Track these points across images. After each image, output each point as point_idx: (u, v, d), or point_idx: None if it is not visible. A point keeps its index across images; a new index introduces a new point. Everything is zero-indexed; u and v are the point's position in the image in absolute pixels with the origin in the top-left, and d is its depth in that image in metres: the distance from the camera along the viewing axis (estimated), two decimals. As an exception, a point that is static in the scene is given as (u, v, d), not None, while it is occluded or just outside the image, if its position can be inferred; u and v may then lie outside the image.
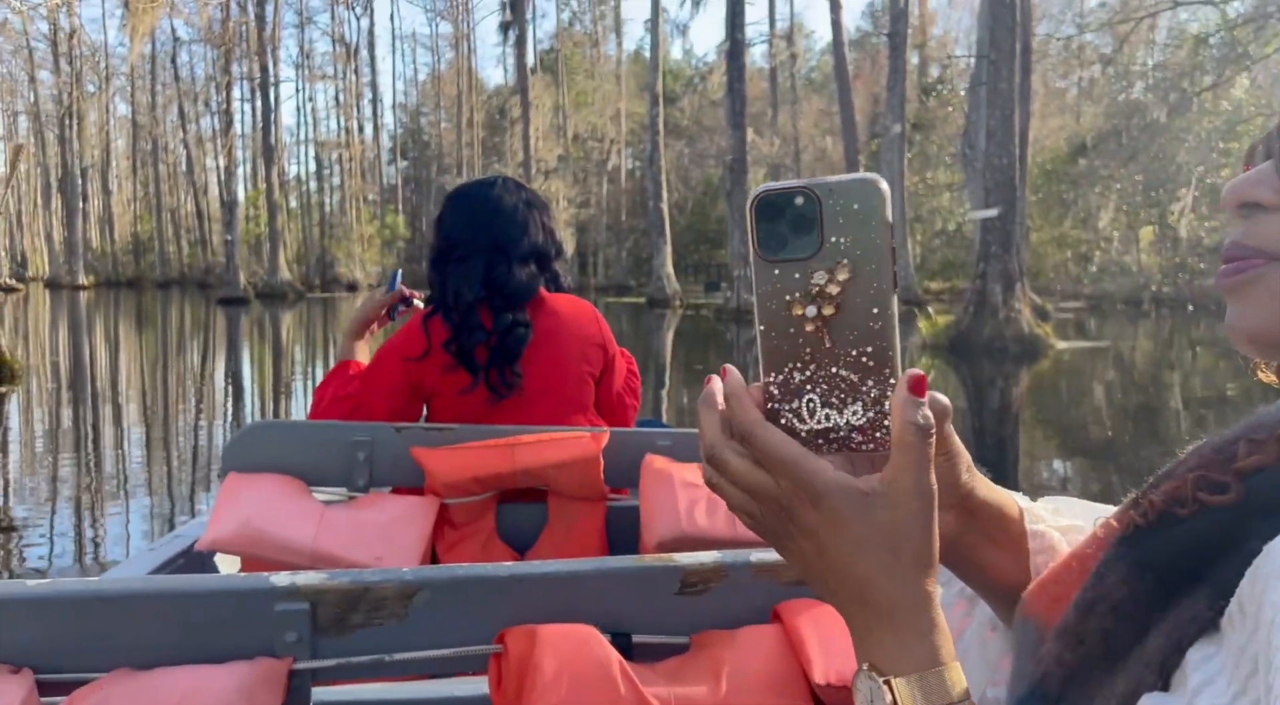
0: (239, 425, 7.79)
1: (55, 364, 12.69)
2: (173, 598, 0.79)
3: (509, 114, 42.08)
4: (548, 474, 1.55)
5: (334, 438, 1.58)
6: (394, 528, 1.45)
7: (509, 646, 0.82)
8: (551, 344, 1.74)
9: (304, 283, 41.69)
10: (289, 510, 1.44)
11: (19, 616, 0.76)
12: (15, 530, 4.61)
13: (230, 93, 33.86)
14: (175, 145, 51.02)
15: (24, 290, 39.04)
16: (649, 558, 0.87)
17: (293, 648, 0.80)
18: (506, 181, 1.85)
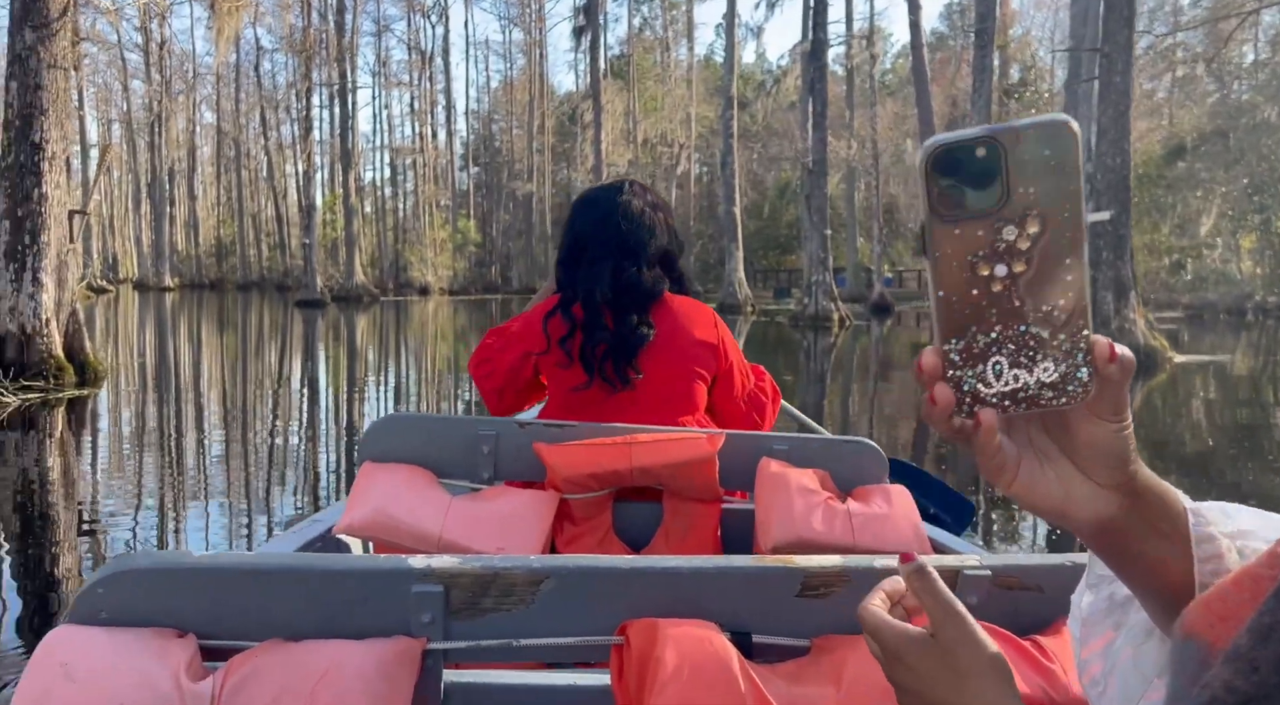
0: (341, 422, 7.91)
1: (144, 364, 12.64)
2: (320, 575, 0.82)
3: (580, 119, 41.86)
4: (664, 473, 1.55)
5: (461, 431, 1.62)
6: (516, 520, 1.47)
7: (631, 638, 0.82)
8: (668, 345, 1.75)
9: (378, 286, 42.15)
10: (419, 499, 1.48)
11: (186, 585, 0.80)
12: (184, 511, 4.93)
13: (310, 99, 34.27)
14: (257, 151, 52.16)
15: (114, 291, 40.18)
16: (770, 558, 0.87)
17: (427, 628, 0.82)
18: (633, 185, 1.86)
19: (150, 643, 0.78)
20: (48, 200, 9.56)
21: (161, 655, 0.77)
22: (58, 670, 0.75)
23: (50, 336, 9.50)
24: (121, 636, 0.78)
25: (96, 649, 0.76)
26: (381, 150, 55.10)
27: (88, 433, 7.55)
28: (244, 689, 0.76)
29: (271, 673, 0.77)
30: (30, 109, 9.47)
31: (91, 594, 0.80)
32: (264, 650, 0.79)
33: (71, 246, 9.98)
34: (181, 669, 0.76)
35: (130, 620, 0.80)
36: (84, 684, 0.74)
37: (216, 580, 0.82)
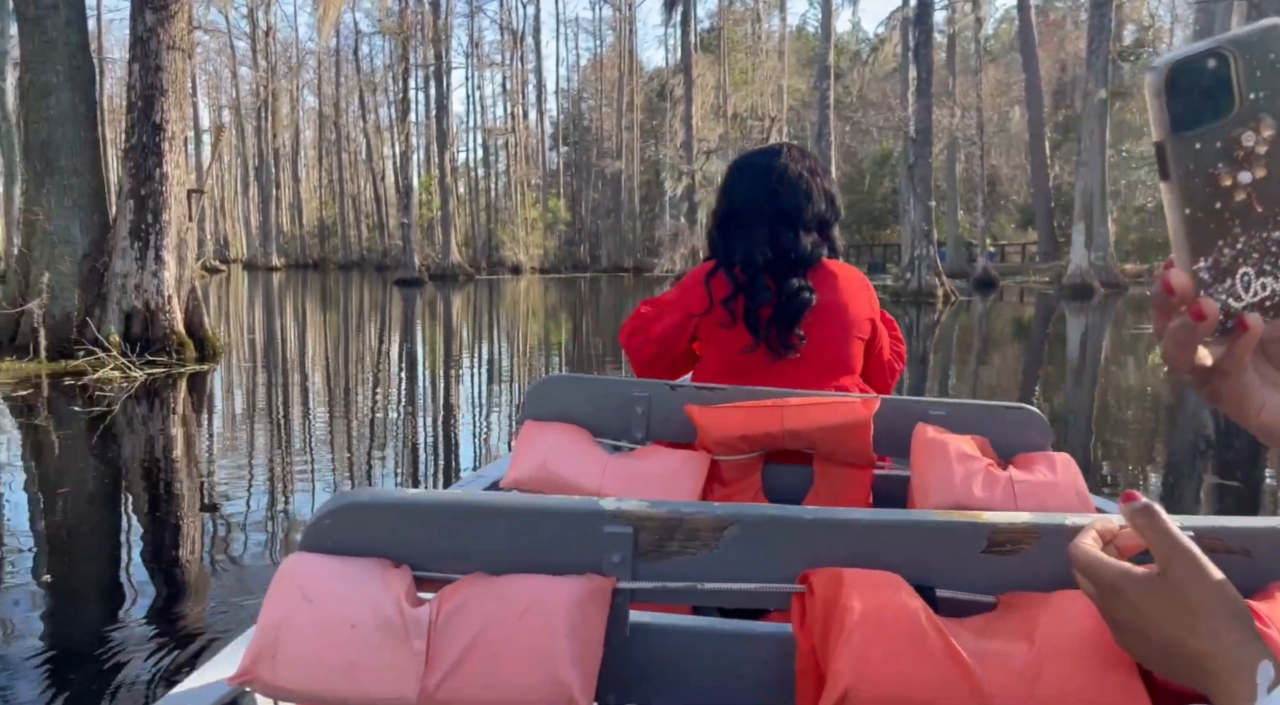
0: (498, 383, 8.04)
1: (254, 340, 12.96)
2: (521, 513, 0.86)
3: (670, 95, 41.32)
4: (815, 437, 1.54)
5: (616, 392, 1.65)
6: (669, 478, 1.49)
7: (815, 587, 0.83)
8: (829, 310, 1.74)
9: (472, 264, 42.69)
10: (578, 456, 1.53)
11: (401, 519, 0.86)
12: (358, 464, 5.33)
13: (407, 82, 34.73)
14: (356, 134, 53.41)
15: (226, 271, 41.83)
16: (957, 513, 0.87)
17: (616, 568, 0.86)
18: (791, 149, 1.84)
19: (372, 571, 0.84)
20: (168, 179, 9.76)
21: (383, 582, 0.82)
22: (296, 592, 0.81)
23: (172, 313, 9.72)
24: (347, 564, 0.84)
25: (327, 574, 0.83)
26: (474, 131, 55.75)
27: (223, 403, 7.69)
28: (456, 617, 0.81)
29: (479, 603, 0.82)
30: (151, 90, 9.65)
31: (320, 525, 0.86)
32: (470, 582, 0.84)
33: (190, 225, 10.19)
34: (402, 596, 0.82)
35: (352, 550, 0.86)
36: (319, 605, 0.81)
37: (428, 516, 0.87)
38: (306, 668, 0.79)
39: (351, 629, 0.80)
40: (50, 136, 9.53)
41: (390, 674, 0.79)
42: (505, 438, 6.52)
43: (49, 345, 9.07)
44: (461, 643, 0.80)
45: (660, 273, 36.81)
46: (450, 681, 0.79)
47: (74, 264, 9.56)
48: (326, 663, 0.79)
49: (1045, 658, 0.77)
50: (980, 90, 29.82)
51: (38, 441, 5.87)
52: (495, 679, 0.79)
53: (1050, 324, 17.19)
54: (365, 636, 0.80)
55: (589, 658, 0.81)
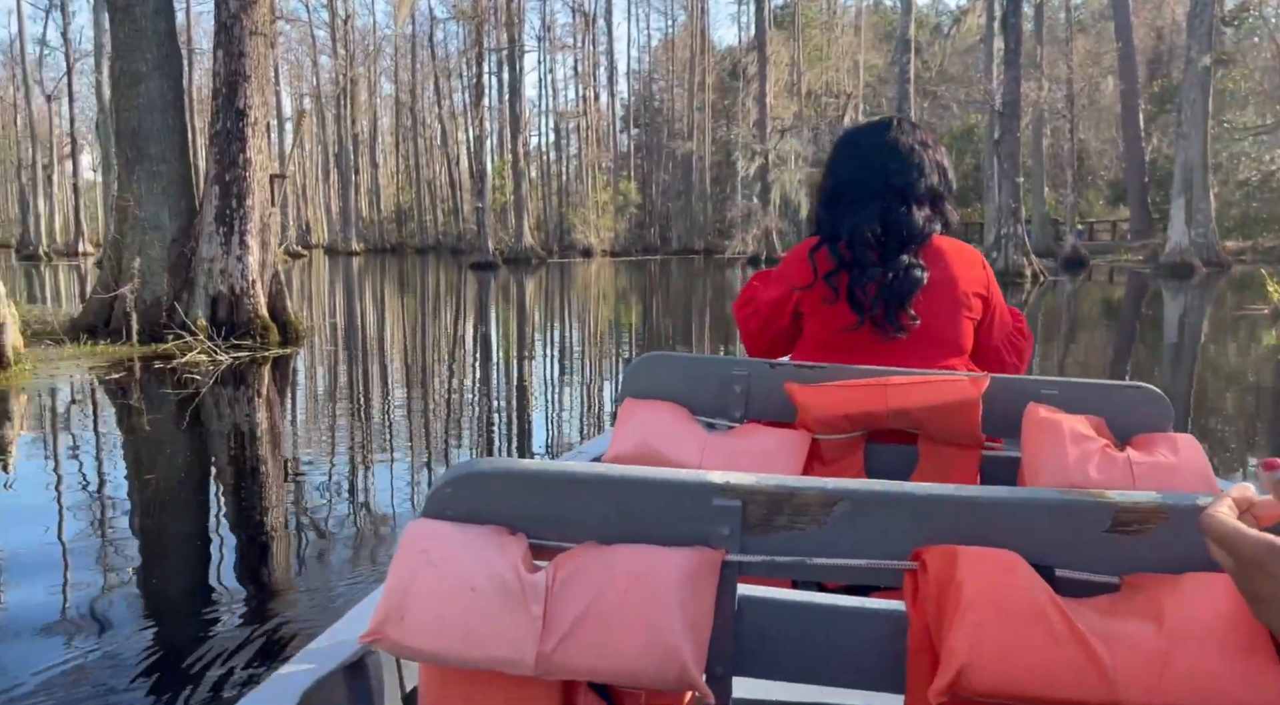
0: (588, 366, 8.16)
1: (336, 324, 13.11)
2: (632, 485, 0.87)
3: (743, 73, 40.58)
4: (921, 416, 1.50)
5: (715, 371, 1.65)
6: (769, 456, 1.48)
7: (928, 564, 0.81)
8: (941, 288, 1.68)
9: (544, 248, 42.81)
10: (678, 433, 1.52)
11: (517, 488, 0.88)
12: (465, 438, 5.53)
13: (481, 66, 34.85)
14: (432, 120, 54.05)
15: (308, 256, 42.87)
16: (1078, 491, 0.84)
17: (725, 541, 0.86)
18: (901, 122, 1.78)
19: (490, 537, 0.86)
20: (251, 165, 9.84)
21: (501, 549, 0.85)
22: (420, 556, 0.84)
23: (256, 297, 9.83)
24: (468, 530, 0.87)
25: (448, 539, 0.86)
26: (546, 114, 55.82)
27: (307, 386, 7.74)
28: (570, 584, 0.82)
29: (591, 572, 0.83)
30: (235, 76, 9.72)
31: (441, 493, 0.89)
32: (583, 551, 0.85)
33: (272, 210, 10.27)
34: (519, 562, 0.84)
35: (471, 517, 0.88)
36: (441, 568, 0.83)
37: (543, 486, 0.88)
38: (431, 629, 0.82)
39: (472, 592, 0.82)
40: (140, 124, 9.70)
41: (509, 637, 0.81)
42: (588, 415, 6.51)
43: (140, 329, 9.25)
44: (576, 609, 0.81)
45: (732, 254, 36.32)
46: (565, 646, 0.80)
47: (163, 249, 9.73)
48: (449, 624, 0.82)
49: (1175, 641, 0.74)
50: (1070, 60, 28.37)
51: (133, 423, 5.93)
52: (608, 646, 0.80)
53: (1148, 304, 16.27)
54: (485, 600, 0.82)
55: (700, 629, 0.82)
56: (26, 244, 37.06)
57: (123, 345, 9.13)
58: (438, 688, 0.87)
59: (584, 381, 7.98)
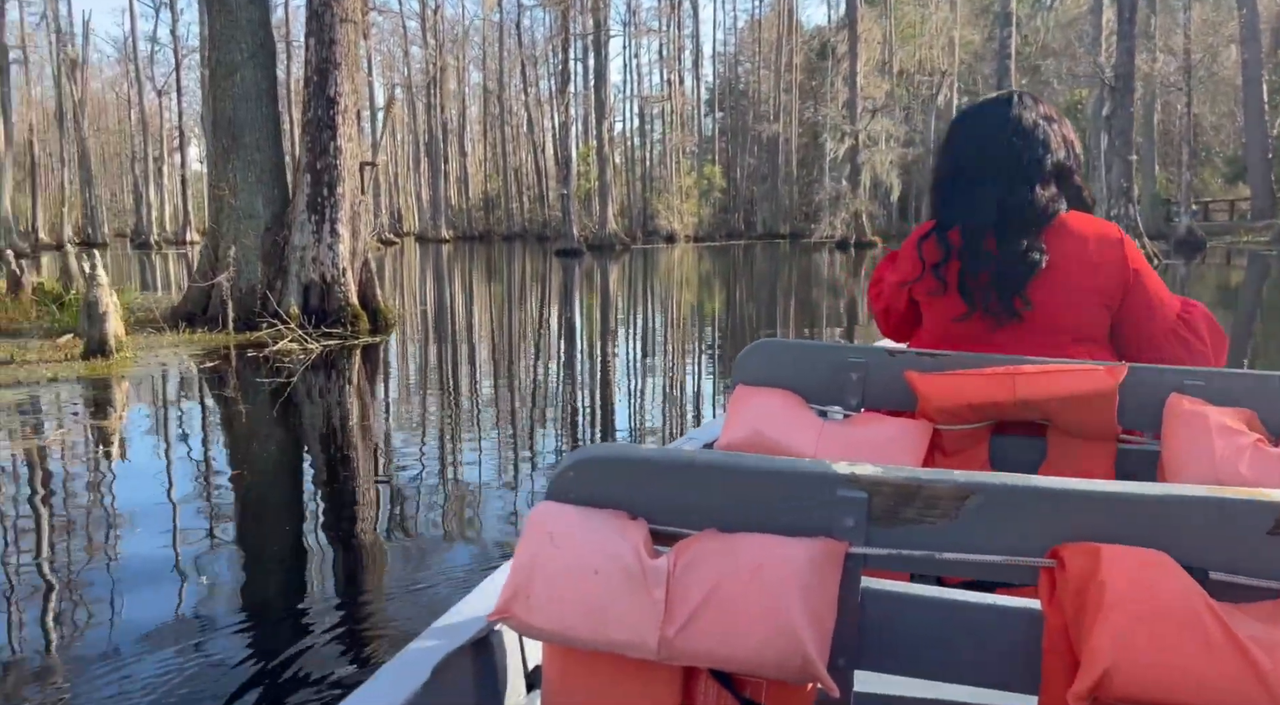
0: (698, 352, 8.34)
1: (426, 311, 13.11)
2: (754, 473, 0.86)
3: (832, 52, 39.40)
4: (1051, 407, 1.43)
5: (830, 358, 1.62)
6: (888, 447, 1.44)
7: (1067, 562, 0.78)
8: (1064, 270, 1.58)
9: (628, 234, 42.63)
10: (793, 421, 1.49)
11: (638, 474, 0.88)
12: (574, 424, 5.50)
13: (567, 52, 34.72)
14: (518, 108, 54.39)
15: (399, 243, 43.74)
16: (1235, 490, 0.79)
17: (849, 532, 0.84)
18: (1024, 97, 1.69)
19: (611, 521, 0.87)
20: (342, 153, 9.80)
21: (622, 533, 0.85)
22: (545, 537, 0.86)
23: (347, 285, 9.81)
24: (589, 514, 0.88)
25: (571, 522, 0.86)
26: (630, 99, 55.49)
27: (398, 374, 7.63)
28: (691, 570, 0.82)
29: (712, 559, 0.82)
30: (326, 64, 9.68)
31: (564, 477, 0.90)
32: (704, 538, 0.85)
33: (363, 198, 10.24)
34: (640, 546, 0.84)
35: (592, 500, 0.89)
36: (565, 549, 0.84)
37: (663, 472, 0.88)
38: (555, 609, 0.83)
39: (595, 575, 0.82)
40: (234, 113, 9.76)
41: (632, 620, 0.81)
42: (684, 401, 6.35)
43: (236, 317, 9.34)
44: (698, 596, 0.81)
45: (819, 238, 35.43)
46: (688, 631, 0.80)
47: (257, 237, 9.80)
48: (572, 606, 0.83)
49: None
50: (1188, 29, 26.47)
51: (228, 411, 5.89)
52: (731, 632, 0.80)
53: (1276, 287, 14.98)
54: (608, 583, 0.82)
55: (823, 620, 0.81)
56: (140, 233, 38.84)
57: (219, 333, 9.23)
58: (560, 666, 0.88)
59: (676, 367, 7.70)
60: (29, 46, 38.92)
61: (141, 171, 40.12)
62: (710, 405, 6.18)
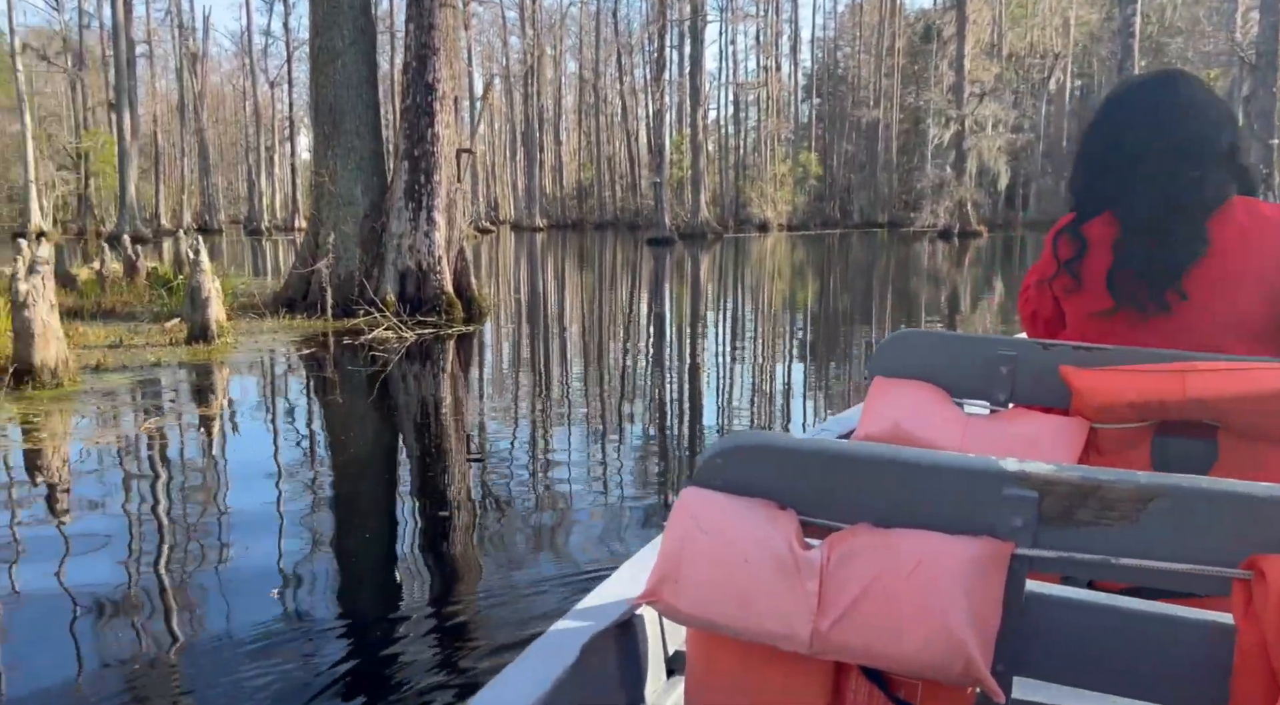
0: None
1: (521, 299, 12.98)
2: (912, 466, 0.83)
3: (937, 34, 37.77)
4: (1226, 407, 1.34)
5: (977, 350, 1.54)
6: (1040, 445, 1.36)
7: (1267, 573, 0.72)
8: (1224, 257, 1.47)
9: (720, 222, 42.05)
10: (935, 416, 1.44)
11: (788, 463, 0.87)
12: (701, 411, 5.43)
13: (663, 39, 34.30)
14: (613, 97, 54.27)
15: (495, 231, 44.27)
16: None
17: (1016, 533, 0.80)
18: (1183, 75, 1.59)
19: (760, 510, 0.85)
20: (439, 140, 9.67)
21: (772, 522, 0.84)
22: (692, 523, 0.85)
23: (442, 273, 9.70)
24: (738, 502, 0.86)
25: (719, 509, 0.86)
26: (725, 86, 54.63)
27: (493, 363, 7.46)
28: (845, 564, 0.80)
29: (867, 554, 0.80)
30: (425, 49, 9.56)
31: (712, 463, 0.89)
32: (859, 532, 0.82)
33: (459, 185, 10.10)
34: (793, 538, 0.83)
35: (739, 488, 0.88)
36: (714, 537, 0.84)
37: (815, 462, 0.86)
38: (704, 595, 0.83)
39: (745, 563, 0.82)
40: (335, 100, 9.74)
41: (783, 610, 0.80)
42: (793, 390, 6.07)
43: (334, 304, 9.34)
44: (853, 590, 0.79)
45: (920, 227, 34.09)
46: (842, 626, 0.78)
47: (356, 225, 9.77)
48: (722, 592, 0.82)
49: None
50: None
51: (326, 399, 5.79)
52: (887, 630, 0.77)
53: None
54: (758, 571, 0.81)
55: (986, 623, 0.77)
56: (252, 220, 40.39)
57: (317, 319, 9.24)
58: (706, 653, 0.87)
59: (772, 357, 7.29)
60: (154, 41, 40.86)
61: (254, 161, 41.69)
62: (813, 397, 5.75)
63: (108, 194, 34.77)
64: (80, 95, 38.58)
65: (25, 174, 32.26)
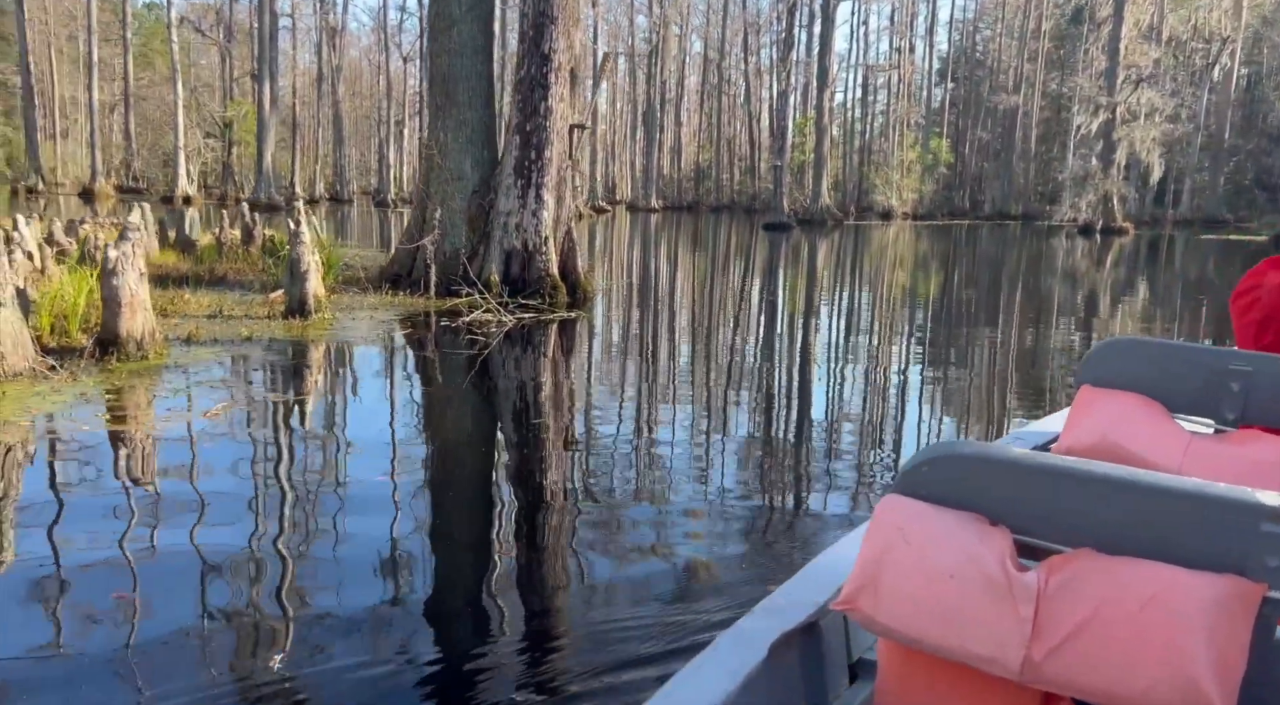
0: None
1: (633, 283, 12.37)
2: (1148, 490, 0.76)
3: (1090, 15, 34.82)
4: None
5: (1201, 363, 1.41)
6: (1276, 471, 1.21)
7: None
8: None
9: (840, 209, 40.43)
10: (1150, 432, 1.33)
11: (1001, 476, 0.81)
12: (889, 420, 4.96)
13: (793, 17, 32.88)
14: (737, 78, 52.92)
15: (611, 211, 43.95)
16: None
17: (1271, 574, 0.73)
18: None
19: (970, 525, 0.80)
20: (553, 114, 9.10)
21: (984, 539, 0.78)
22: (895, 533, 0.82)
23: (548, 254, 9.16)
24: (944, 514, 0.82)
25: (924, 520, 0.82)
26: (854, 69, 52.37)
27: (602, 352, 6.87)
28: (1066, 591, 0.75)
29: (1091, 582, 0.74)
30: (541, 18, 8.98)
31: (917, 471, 0.85)
32: (1081, 557, 0.76)
33: (570, 162, 9.51)
34: (1006, 557, 0.77)
35: (945, 499, 0.83)
36: (918, 548, 0.80)
37: (1032, 477, 0.80)
38: (904, 608, 0.79)
39: (951, 580, 0.78)
40: (449, 69, 9.30)
41: (993, 633, 0.76)
42: (913, 391, 5.41)
43: (438, 282, 8.94)
44: (1073, 619, 0.74)
45: (1058, 221, 31.66)
46: (1058, 656, 0.74)
47: (464, 200, 9.34)
48: (924, 607, 0.78)
49: None
50: None
51: (409, 389, 5.31)
52: (1111, 666, 0.72)
53: None
54: (965, 589, 0.77)
55: (1229, 669, 0.71)
56: (380, 191, 41.37)
57: (420, 297, 8.87)
58: (899, 666, 0.83)
59: (892, 356, 6.41)
60: (297, 15, 42.23)
61: (385, 134, 42.64)
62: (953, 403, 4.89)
63: (248, 162, 36.18)
64: (229, 67, 40.27)
65: (176, 141, 33.91)
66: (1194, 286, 14.09)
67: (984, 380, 6.11)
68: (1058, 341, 8.06)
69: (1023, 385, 6.02)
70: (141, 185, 38.18)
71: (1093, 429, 1.34)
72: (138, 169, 39.14)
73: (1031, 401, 5.45)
